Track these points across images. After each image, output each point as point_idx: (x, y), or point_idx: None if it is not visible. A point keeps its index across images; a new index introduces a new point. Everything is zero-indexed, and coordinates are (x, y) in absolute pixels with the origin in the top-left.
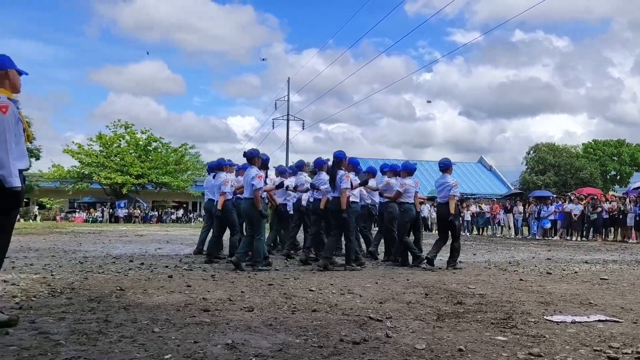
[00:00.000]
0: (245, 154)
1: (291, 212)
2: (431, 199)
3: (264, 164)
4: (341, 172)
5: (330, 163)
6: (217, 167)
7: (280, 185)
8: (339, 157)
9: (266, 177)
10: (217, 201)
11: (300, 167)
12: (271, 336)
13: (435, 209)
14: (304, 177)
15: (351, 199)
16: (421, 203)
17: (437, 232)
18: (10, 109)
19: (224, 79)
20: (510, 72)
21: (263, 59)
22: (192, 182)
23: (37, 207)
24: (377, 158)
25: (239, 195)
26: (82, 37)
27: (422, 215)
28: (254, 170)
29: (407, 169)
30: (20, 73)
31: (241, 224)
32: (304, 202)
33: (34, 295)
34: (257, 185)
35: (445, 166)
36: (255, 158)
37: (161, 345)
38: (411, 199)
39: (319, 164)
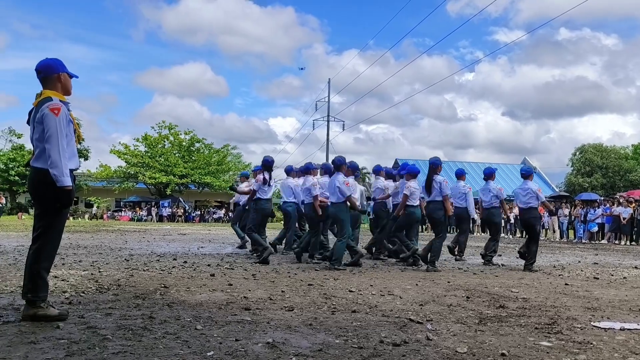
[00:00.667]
0: (333, 161)
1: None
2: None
3: (267, 166)
4: (439, 178)
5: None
6: (305, 170)
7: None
8: (435, 164)
9: (270, 178)
10: (301, 203)
11: (308, 169)
12: (311, 336)
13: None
14: (312, 180)
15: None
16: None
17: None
18: (62, 111)
19: (265, 80)
20: (556, 71)
21: (301, 68)
22: (234, 182)
23: (89, 208)
24: (418, 159)
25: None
26: (129, 41)
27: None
28: (341, 177)
29: (411, 172)
30: (71, 76)
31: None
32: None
33: (83, 291)
34: (346, 191)
35: (527, 173)
36: (342, 165)
37: (204, 342)
38: (416, 202)
39: (377, 170)
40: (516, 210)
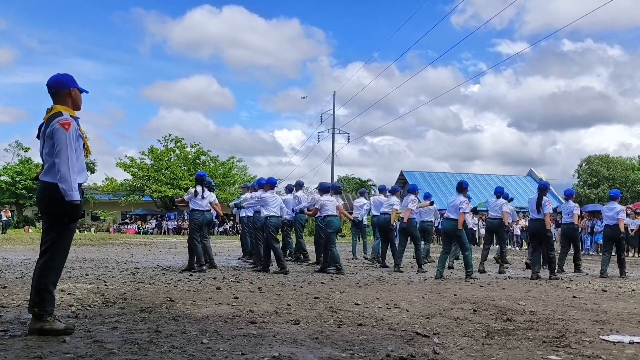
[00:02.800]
0: (457, 185)
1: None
2: (474, 211)
3: (271, 185)
4: (546, 199)
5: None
6: (412, 190)
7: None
8: (545, 186)
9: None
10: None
11: (299, 186)
12: (317, 350)
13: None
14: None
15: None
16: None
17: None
18: (72, 126)
19: (271, 93)
20: (562, 82)
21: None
22: (239, 195)
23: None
24: (424, 171)
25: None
26: (136, 55)
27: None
28: (461, 197)
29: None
30: (81, 91)
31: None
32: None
33: (89, 305)
34: (465, 209)
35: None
36: (464, 189)
37: (209, 356)
38: (330, 212)
39: (395, 190)
40: (522, 222)
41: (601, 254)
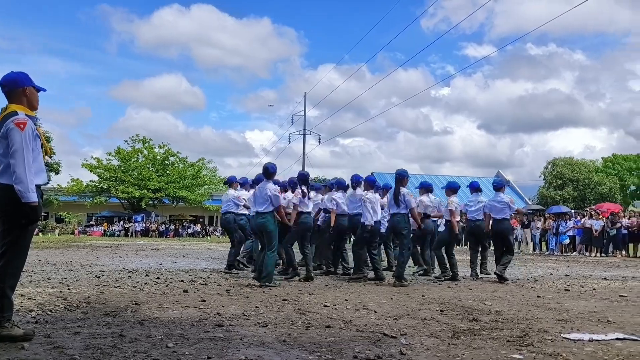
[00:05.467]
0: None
1: None
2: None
3: (303, 180)
4: (405, 190)
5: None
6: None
7: None
8: (402, 175)
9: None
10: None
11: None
12: (285, 352)
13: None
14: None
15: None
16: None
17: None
18: (28, 125)
19: (241, 93)
20: (530, 85)
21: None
22: (208, 196)
23: (60, 224)
24: (394, 173)
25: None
26: (103, 54)
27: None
28: (271, 185)
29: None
30: (38, 90)
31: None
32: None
33: (50, 310)
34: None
35: (499, 185)
36: (273, 174)
37: None
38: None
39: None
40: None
41: (564, 254)
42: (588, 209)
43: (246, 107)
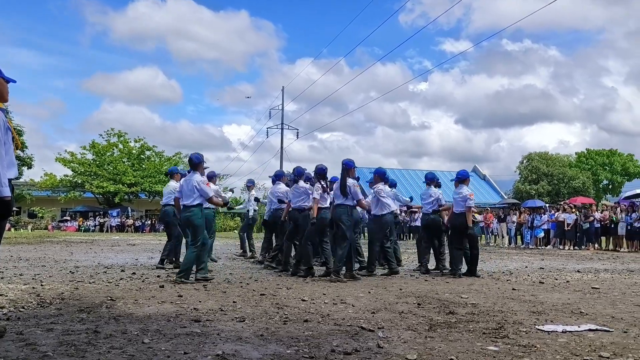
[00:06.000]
0: (191, 160)
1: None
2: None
3: (321, 174)
4: (351, 181)
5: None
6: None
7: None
8: (348, 165)
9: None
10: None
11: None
12: (262, 347)
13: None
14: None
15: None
16: (412, 212)
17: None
18: None
19: (219, 87)
20: (506, 80)
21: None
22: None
23: (33, 219)
24: (372, 167)
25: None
26: (76, 46)
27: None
28: (197, 176)
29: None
30: (7, 81)
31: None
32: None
33: (23, 306)
34: (208, 193)
35: (462, 177)
36: (199, 164)
37: (150, 356)
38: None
39: (299, 173)
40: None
41: (538, 247)
42: (562, 203)
43: (223, 100)
